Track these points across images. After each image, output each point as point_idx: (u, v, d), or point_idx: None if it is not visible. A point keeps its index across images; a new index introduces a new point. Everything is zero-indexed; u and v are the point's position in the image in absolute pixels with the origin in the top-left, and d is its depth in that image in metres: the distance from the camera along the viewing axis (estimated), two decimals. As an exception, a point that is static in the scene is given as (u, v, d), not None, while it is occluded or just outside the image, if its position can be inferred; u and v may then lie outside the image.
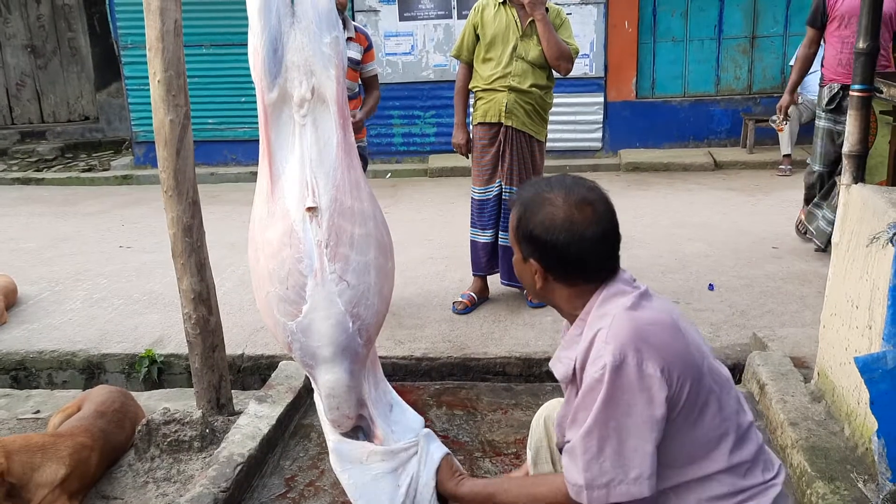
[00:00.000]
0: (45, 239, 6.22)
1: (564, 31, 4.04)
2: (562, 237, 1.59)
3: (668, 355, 1.51)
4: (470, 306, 4.24)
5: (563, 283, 1.65)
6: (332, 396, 1.89)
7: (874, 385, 2.21)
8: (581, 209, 1.60)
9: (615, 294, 1.62)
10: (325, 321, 1.79)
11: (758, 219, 6.01)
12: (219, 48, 8.35)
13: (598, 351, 1.52)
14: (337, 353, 1.82)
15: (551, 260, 1.62)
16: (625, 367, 1.48)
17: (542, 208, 1.62)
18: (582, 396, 1.54)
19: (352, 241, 1.80)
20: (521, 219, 1.65)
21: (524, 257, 1.67)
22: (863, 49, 2.73)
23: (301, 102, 1.82)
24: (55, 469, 2.44)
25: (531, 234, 1.63)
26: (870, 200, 2.61)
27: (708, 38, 8.42)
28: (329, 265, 1.77)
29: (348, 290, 1.79)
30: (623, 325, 1.52)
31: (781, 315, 3.97)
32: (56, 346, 3.97)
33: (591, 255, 1.61)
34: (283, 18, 1.81)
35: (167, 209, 2.77)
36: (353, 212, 1.81)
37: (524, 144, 4.07)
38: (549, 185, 1.66)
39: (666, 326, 1.56)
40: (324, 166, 1.80)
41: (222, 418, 2.96)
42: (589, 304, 1.63)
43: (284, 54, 1.81)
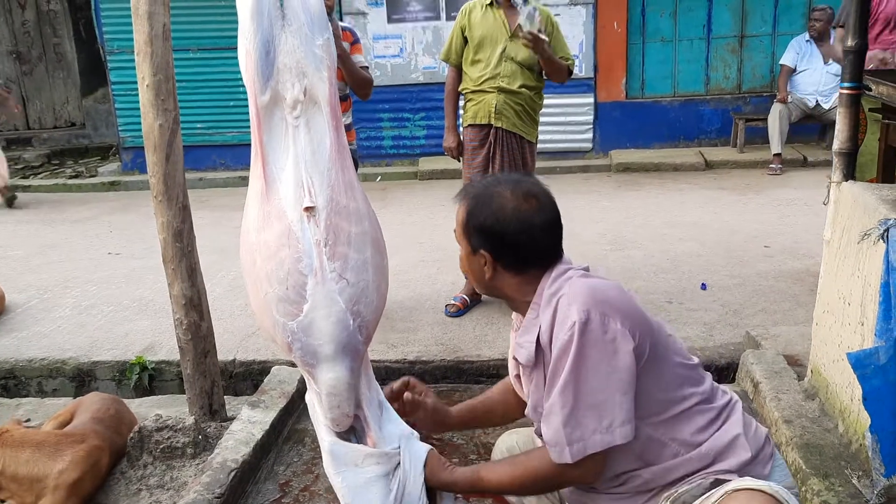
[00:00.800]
0: (33, 246, 6.18)
1: (558, 41, 4.05)
2: (512, 225, 1.69)
3: (626, 311, 1.62)
4: (462, 309, 4.23)
5: (513, 272, 1.74)
6: (333, 395, 1.89)
7: (867, 381, 2.22)
8: (528, 200, 1.71)
9: (562, 272, 1.72)
10: (327, 319, 1.81)
11: (749, 218, 6.03)
12: (207, 52, 8.32)
13: (563, 314, 1.61)
14: (339, 351, 1.84)
15: (502, 248, 1.72)
16: (590, 324, 1.57)
17: (492, 200, 1.71)
18: (555, 362, 1.61)
19: (349, 239, 1.82)
20: (472, 212, 1.74)
21: (473, 249, 1.75)
22: (851, 47, 2.75)
23: (294, 104, 1.83)
24: (51, 467, 2.45)
25: (482, 226, 1.72)
26: (860, 197, 2.62)
27: (697, 38, 8.45)
28: (329, 264, 1.80)
29: (348, 288, 1.82)
30: (581, 288, 1.64)
31: (774, 313, 3.98)
32: (46, 353, 3.94)
33: (539, 242, 1.72)
34: (274, 21, 1.81)
35: (157, 214, 2.75)
36: (349, 211, 1.83)
37: (515, 145, 4.07)
38: (495, 181, 1.77)
39: (617, 288, 1.69)
40: (318, 167, 1.82)
41: (215, 424, 2.94)
42: (539, 287, 1.73)
43: (276, 57, 1.82)
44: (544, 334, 1.66)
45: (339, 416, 1.92)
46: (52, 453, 2.48)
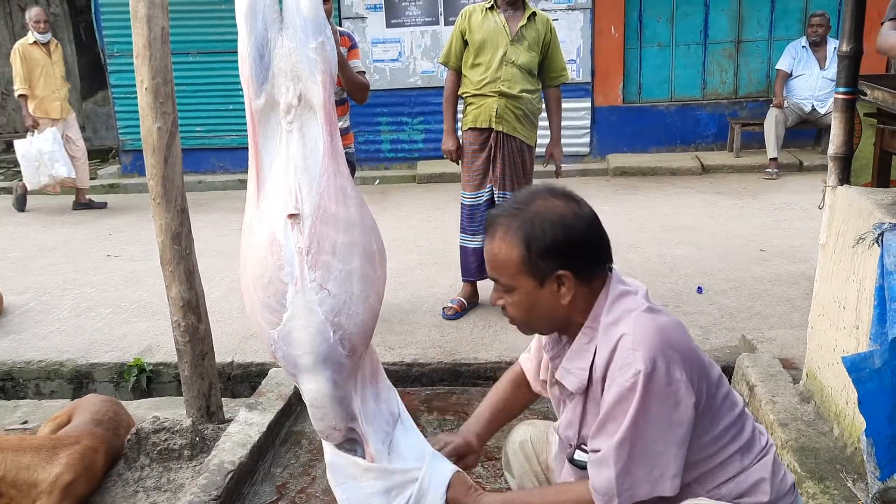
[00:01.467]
0: (32, 248, 6.18)
1: (555, 50, 4.09)
2: (579, 228, 1.59)
3: (689, 358, 1.55)
4: (460, 312, 4.24)
5: (585, 283, 1.62)
6: (314, 406, 1.86)
7: (862, 384, 2.23)
8: (572, 200, 1.64)
9: (620, 296, 1.62)
10: (305, 330, 1.76)
11: (745, 222, 6.04)
12: (206, 56, 8.33)
13: (626, 358, 1.51)
14: (318, 363, 1.79)
15: (579, 257, 1.60)
16: (656, 374, 1.48)
17: (547, 215, 1.59)
18: (611, 407, 1.53)
19: (334, 248, 1.76)
20: (532, 238, 1.57)
21: (542, 279, 1.59)
22: (846, 52, 2.76)
23: (287, 109, 1.80)
24: (49, 471, 2.44)
25: (552, 244, 1.57)
26: (855, 202, 2.63)
27: (694, 43, 8.48)
28: (309, 273, 1.74)
29: (329, 299, 1.75)
30: (648, 331, 1.53)
31: (770, 317, 3.99)
32: (43, 355, 3.95)
33: (604, 239, 1.65)
34: (270, 25, 1.79)
35: (156, 217, 2.76)
36: (337, 219, 1.78)
37: (515, 149, 4.09)
38: (524, 201, 1.63)
39: (679, 328, 1.60)
40: (309, 172, 1.78)
41: (212, 426, 2.95)
42: (595, 309, 1.62)
43: (271, 60, 1.80)
44: (598, 368, 1.58)
45: (325, 429, 1.88)
46: (49, 457, 2.48)
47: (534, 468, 2.02)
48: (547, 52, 4.07)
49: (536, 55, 4.02)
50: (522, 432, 2.07)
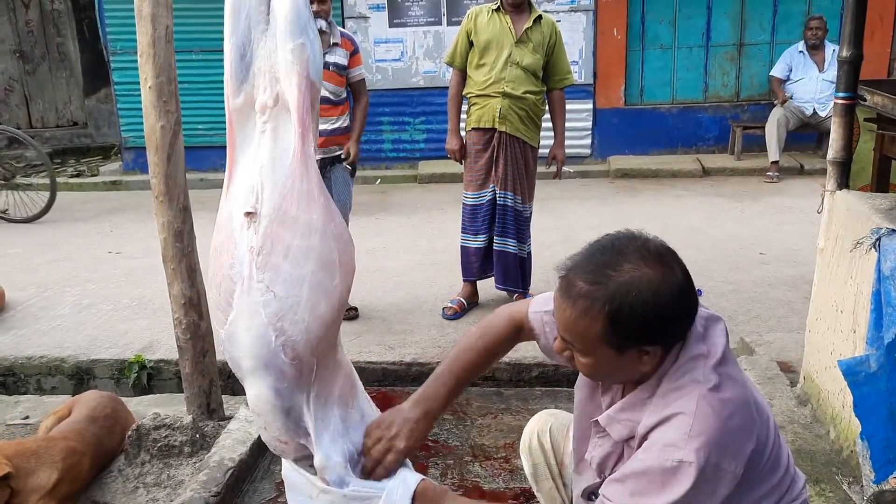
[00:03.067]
0: (34, 244, 6.20)
1: (561, 53, 4.11)
2: (674, 300, 1.42)
3: (746, 450, 1.45)
4: (459, 312, 4.26)
5: (665, 350, 1.48)
6: (255, 413, 1.80)
7: (858, 388, 2.25)
8: (664, 262, 1.45)
9: (691, 359, 1.48)
10: (247, 332, 1.70)
11: (745, 225, 6.06)
12: (209, 54, 8.34)
13: (676, 440, 1.40)
14: (258, 367, 1.72)
15: (668, 334, 1.45)
16: (705, 469, 1.38)
17: (638, 291, 1.40)
18: (643, 471, 1.43)
19: (287, 251, 1.69)
20: (618, 319, 1.41)
21: (620, 351, 1.45)
22: (846, 57, 2.78)
23: (262, 109, 1.77)
24: (47, 475, 2.42)
25: (641, 325, 1.41)
26: (854, 206, 2.65)
27: (696, 46, 8.49)
28: (257, 273, 1.67)
29: (274, 302, 1.67)
30: (709, 420, 1.40)
31: (768, 320, 4.00)
32: (45, 351, 3.96)
33: (693, 306, 1.47)
34: (255, 25, 1.76)
35: (158, 214, 2.78)
36: (296, 222, 1.70)
37: (518, 150, 4.11)
38: (612, 263, 1.44)
39: (747, 412, 1.47)
40: (275, 173, 1.72)
41: (213, 423, 2.96)
42: (663, 367, 1.49)
43: (253, 60, 1.77)
44: (642, 428, 1.48)
45: (271, 440, 1.82)
46: (46, 459, 2.45)
47: (549, 461, 2.01)
48: (552, 55, 4.08)
49: (541, 57, 4.04)
50: (543, 422, 2.03)
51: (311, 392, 1.79)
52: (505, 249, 4.20)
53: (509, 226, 4.18)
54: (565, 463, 1.98)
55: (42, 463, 2.43)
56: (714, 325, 1.55)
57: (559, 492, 2.02)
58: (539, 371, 3.59)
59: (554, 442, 2.01)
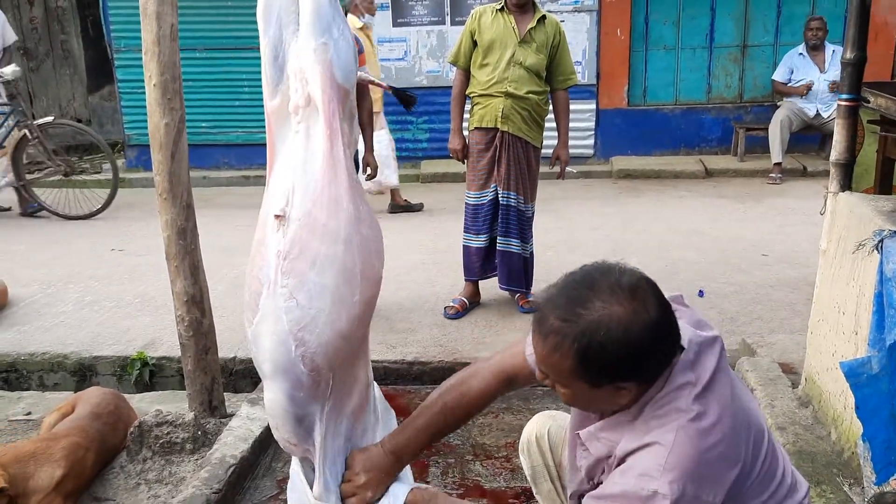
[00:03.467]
0: (37, 241, 6.21)
1: (565, 53, 4.11)
2: (647, 337, 1.39)
3: (727, 479, 1.43)
4: (461, 311, 4.26)
5: (646, 382, 1.46)
6: (270, 415, 1.84)
7: (859, 389, 2.25)
8: (637, 296, 1.41)
9: (678, 387, 1.46)
10: (269, 336, 1.72)
11: (748, 226, 6.05)
12: (213, 52, 8.35)
13: (651, 469, 1.40)
14: (276, 372, 1.75)
15: (642, 370, 1.43)
16: (681, 500, 1.37)
17: (607, 329, 1.38)
18: (617, 497, 1.43)
19: (315, 259, 1.69)
20: (588, 357, 1.40)
21: (595, 386, 1.44)
22: (850, 59, 2.78)
23: (295, 110, 1.78)
24: (50, 473, 2.42)
25: (612, 363, 1.40)
26: (856, 208, 2.65)
27: (700, 47, 8.49)
28: (282, 278, 1.69)
29: (296, 310, 1.68)
30: (687, 453, 1.39)
31: (770, 321, 4.00)
32: (47, 348, 3.97)
33: (672, 330, 1.45)
34: (285, 26, 1.77)
35: (161, 212, 2.79)
36: (325, 229, 1.70)
37: (520, 150, 4.11)
38: (583, 300, 1.42)
39: (731, 439, 1.45)
40: (306, 177, 1.74)
41: (214, 420, 2.97)
42: (649, 393, 1.48)
43: (286, 61, 1.78)
44: (620, 451, 1.47)
45: (281, 440, 1.86)
46: (45, 460, 2.45)
47: (547, 462, 2.02)
48: (556, 55, 4.09)
49: (544, 57, 4.05)
50: (542, 424, 2.04)
51: (327, 405, 1.81)
52: (508, 250, 4.20)
53: (512, 225, 4.18)
54: (564, 465, 1.98)
55: (42, 464, 2.42)
56: (707, 350, 1.52)
57: (558, 494, 2.03)
58: (540, 371, 3.60)
59: (552, 444, 2.01)
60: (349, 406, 1.87)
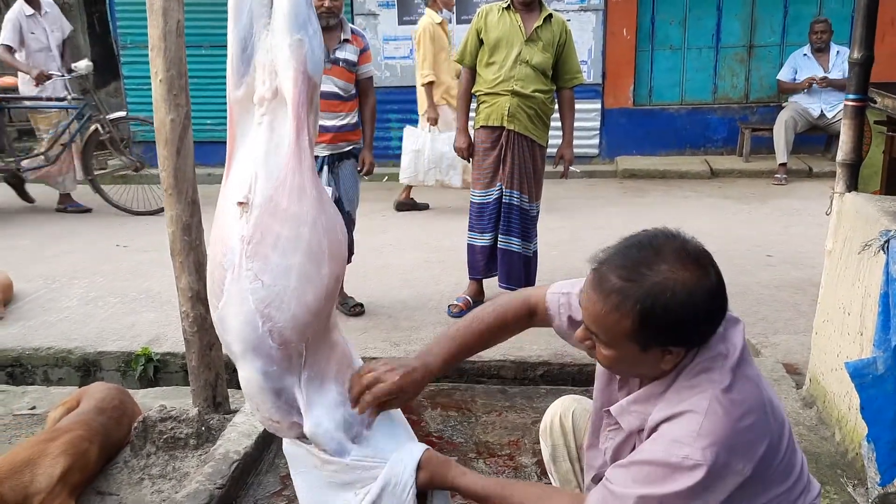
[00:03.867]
0: (42, 237, 6.23)
1: (571, 52, 4.11)
2: (708, 303, 1.42)
3: (757, 451, 1.45)
4: (465, 309, 4.26)
5: (688, 351, 1.48)
6: (246, 395, 1.88)
7: (864, 390, 2.24)
8: (702, 266, 1.44)
9: (710, 359, 1.48)
10: (236, 318, 1.77)
11: (753, 227, 6.04)
12: (219, 49, 8.33)
13: (684, 436, 1.41)
14: (247, 351, 1.79)
15: (696, 335, 1.45)
16: (714, 469, 1.39)
17: (673, 292, 1.39)
18: (647, 462, 1.44)
19: (277, 242, 1.74)
20: (650, 317, 1.40)
21: (644, 349, 1.46)
22: (857, 59, 2.77)
23: (260, 101, 1.81)
24: (48, 473, 2.40)
25: (672, 326, 1.41)
26: (862, 209, 2.64)
27: (706, 47, 8.47)
28: (247, 262, 1.74)
29: (262, 290, 1.73)
30: (719, 422, 1.41)
31: (775, 322, 4.00)
32: (52, 343, 3.98)
33: (722, 310, 1.47)
34: (257, 18, 1.80)
35: (166, 207, 2.79)
36: (287, 214, 1.75)
37: (526, 148, 4.10)
38: (649, 261, 1.43)
39: (760, 414, 1.47)
40: (268, 165, 1.78)
41: (218, 416, 2.97)
42: (682, 362, 1.49)
43: (254, 53, 1.81)
44: (656, 416, 1.48)
45: (264, 420, 1.89)
46: (42, 461, 2.43)
47: (568, 443, 2.02)
48: (561, 54, 4.08)
49: (551, 56, 4.04)
50: (567, 405, 2.04)
51: (303, 375, 1.84)
52: (509, 248, 4.20)
53: (514, 224, 4.18)
54: (585, 448, 1.98)
55: (38, 468, 2.40)
56: (733, 327, 1.55)
57: (576, 475, 2.03)
58: (544, 370, 3.60)
59: (576, 425, 2.02)
60: (330, 371, 1.88)
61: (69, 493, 2.46)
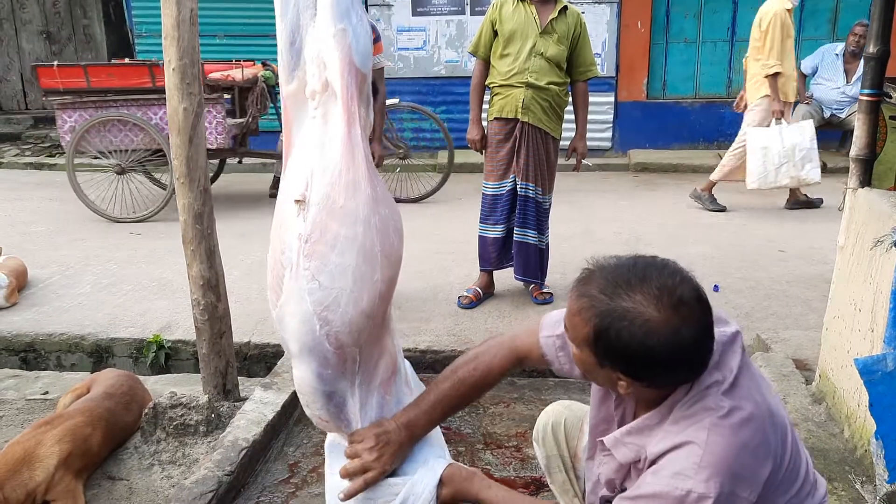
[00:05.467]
0: (56, 223, 6.28)
1: (585, 44, 4.08)
2: (664, 350, 1.38)
3: (762, 476, 1.43)
4: (475, 301, 4.27)
5: (656, 387, 1.48)
6: (300, 392, 1.89)
7: (874, 387, 2.24)
8: (679, 311, 1.38)
9: (705, 387, 1.46)
10: (294, 317, 1.76)
11: (765, 222, 6.01)
12: (233, 38, 8.37)
13: (686, 468, 1.39)
14: (303, 351, 1.79)
15: (647, 373, 1.43)
16: (719, 498, 1.37)
17: (632, 321, 1.38)
18: (651, 497, 1.43)
19: (335, 241, 1.72)
20: (603, 332, 1.41)
21: (600, 363, 1.47)
22: (873, 53, 2.75)
23: (312, 95, 1.80)
24: (45, 466, 2.41)
25: (621, 353, 1.41)
26: (875, 204, 2.63)
27: (721, 40, 8.41)
28: (304, 261, 1.72)
29: (318, 291, 1.71)
30: (719, 451, 1.39)
31: (785, 318, 3.98)
32: (65, 329, 4.02)
33: (696, 355, 1.43)
34: (303, 11, 1.79)
35: (179, 196, 2.81)
36: (344, 212, 1.73)
37: (539, 141, 4.10)
38: (626, 284, 1.41)
39: (761, 434, 1.45)
40: (324, 161, 1.76)
41: (228, 404, 3.00)
42: (673, 396, 1.48)
43: (303, 46, 1.80)
44: (654, 450, 1.47)
45: (312, 417, 1.90)
46: (38, 458, 2.43)
47: (562, 453, 2.02)
48: (576, 47, 4.06)
49: (565, 48, 4.03)
50: (558, 414, 2.04)
51: (357, 380, 1.85)
52: (525, 241, 4.20)
53: (530, 217, 4.17)
54: (579, 455, 1.98)
55: (34, 463, 2.40)
56: (729, 349, 1.52)
57: (572, 484, 2.03)
58: (553, 362, 3.60)
59: (568, 435, 2.01)
60: (377, 379, 1.90)
61: (74, 476, 2.48)
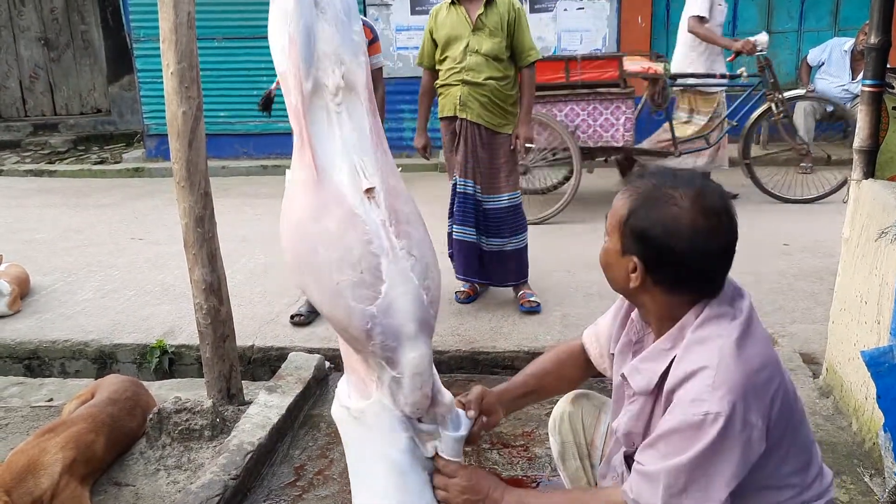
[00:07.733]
0: (58, 230, 6.28)
1: (522, 30, 4.00)
2: (682, 244, 1.46)
3: (771, 399, 1.46)
4: (472, 295, 4.27)
5: (664, 290, 1.53)
6: (417, 374, 1.84)
7: (881, 379, 2.22)
8: (708, 217, 1.47)
9: (717, 316, 1.51)
10: (405, 297, 1.80)
11: (769, 215, 5.99)
12: (231, 41, 8.37)
13: (701, 392, 1.42)
14: (420, 329, 1.83)
15: (661, 265, 1.50)
16: (732, 419, 1.40)
17: (664, 206, 1.48)
18: (672, 431, 1.46)
19: (408, 218, 1.86)
20: (635, 211, 1.51)
21: (623, 250, 1.54)
22: (874, 44, 2.73)
23: (336, 90, 1.85)
24: (49, 473, 2.40)
25: (644, 233, 1.49)
26: (880, 196, 2.61)
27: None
28: (397, 242, 1.81)
29: (418, 264, 1.83)
30: (733, 371, 1.42)
31: (792, 312, 3.96)
32: (69, 335, 4.02)
33: (708, 268, 1.50)
34: (320, 8, 1.85)
35: (179, 200, 2.80)
36: (398, 191, 1.87)
37: (479, 137, 4.04)
38: (674, 180, 1.51)
39: (773, 368, 1.48)
40: (364, 152, 1.85)
41: (232, 408, 2.99)
42: (685, 319, 1.53)
43: (315, 44, 1.84)
44: (670, 381, 1.49)
45: (421, 399, 1.87)
46: (42, 464, 2.42)
47: (578, 441, 2.02)
48: (514, 34, 3.99)
49: (501, 40, 3.95)
50: (576, 402, 2.05)
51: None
52: (492, 248, 4.18)
53: (469, 215, 4.11)
54: (595, 444, 1.98)
55: (38, 470, 2.40)
56: (740, 298, 1.57)
57: (586, 472, 2.02)
58: (558, 360, 3.59)
59: (585, 422, 2.01)
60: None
61: (79, 482, 2.47)
